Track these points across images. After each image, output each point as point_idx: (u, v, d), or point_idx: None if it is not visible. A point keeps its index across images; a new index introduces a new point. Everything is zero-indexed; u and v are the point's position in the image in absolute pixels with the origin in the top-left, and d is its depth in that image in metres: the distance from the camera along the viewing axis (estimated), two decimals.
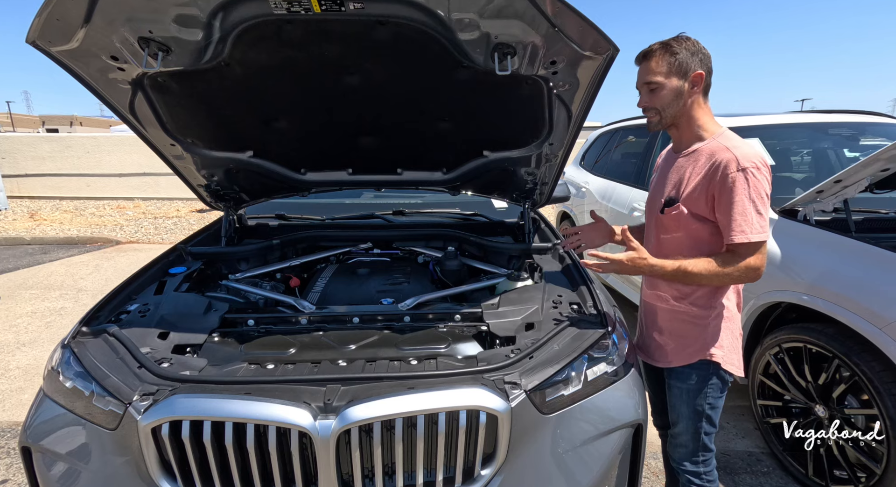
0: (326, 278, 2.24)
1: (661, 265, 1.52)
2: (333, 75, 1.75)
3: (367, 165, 2.33)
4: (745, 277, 1.46)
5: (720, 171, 1.43)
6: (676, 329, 1.63)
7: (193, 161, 2.13)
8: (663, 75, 1.48)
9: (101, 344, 1.52)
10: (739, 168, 1.40)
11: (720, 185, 1.43)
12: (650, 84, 1.51)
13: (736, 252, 1.45)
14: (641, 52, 1.54)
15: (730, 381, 1.61)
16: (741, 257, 1.44)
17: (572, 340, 1.56)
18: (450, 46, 1.57)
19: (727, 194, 1.42)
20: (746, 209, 1.40)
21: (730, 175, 1.41)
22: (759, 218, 1.41)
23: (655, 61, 1.49)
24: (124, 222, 9.07)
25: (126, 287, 1.87)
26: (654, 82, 1.50)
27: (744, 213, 1.40)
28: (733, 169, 1.41)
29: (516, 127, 2.07)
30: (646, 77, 1.52)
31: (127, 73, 1.59)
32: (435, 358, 1.53)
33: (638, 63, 1.56)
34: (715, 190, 1.45)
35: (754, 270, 1.44)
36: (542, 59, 1.54)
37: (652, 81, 1.50)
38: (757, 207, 1.40)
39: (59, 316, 4.51)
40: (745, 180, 1.40)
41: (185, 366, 1.47)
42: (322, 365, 1.49)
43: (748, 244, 1.42)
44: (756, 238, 1.40)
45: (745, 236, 1.40)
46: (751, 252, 1.43)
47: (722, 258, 1.47)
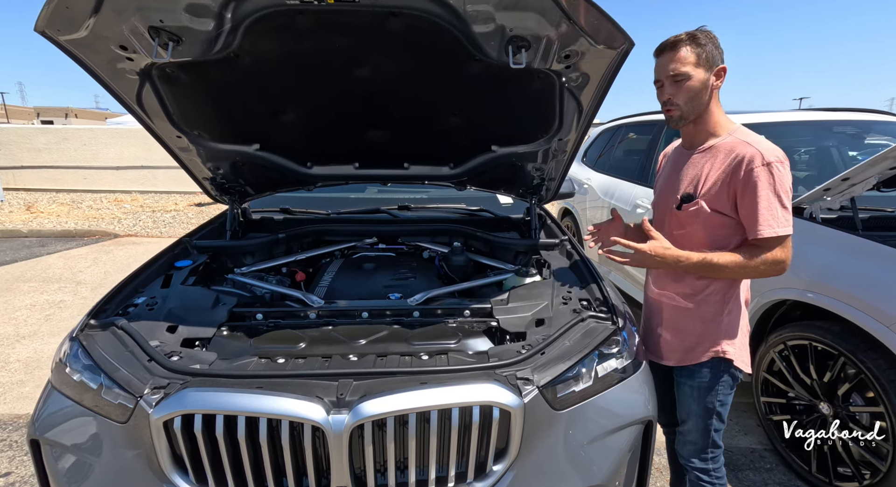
0: (332, 273, 2.22)
1: (686, 256, 1.49)
2: (343, 68, 1.74)
3: (373, 159, 2.31)
4: (772, 270, 1.46)
5: (744, 166, 1.42)
6: (687, 327, 1.62)
7: (199, 154, 2.11)
8: (692, 66, 1.46)
9: (109, 337, 1.51)
10: (764, 162, 1.40)
11: (744, 180, 1.43)
12: (677, 75, 1.47)
13: (762, 246, 1.45)
14: (665, 42, 1.50)
15: (740, 378, 1.61)
16: (767, 251, 1.44)
17: (583, 336, 1.56)
18: (463, 39, 1.55)
19: (752, 189, 1.41)
20: (772, 204, 1.40)
21: (755, 170, 1.41)
22: (785, 212, 1.41)
23: (684, 51, 1.46)
24: (122, 215, 9.01)
25: (133, 280, 1.85)
26: (681, 74, 1.47)
27: (770, 207, 1.40)
28: (758, 164, 1.40)
29: (526, 122, 2.05)
30: (672, 67, 1.48)
31: (135, 63, 1.57)
32: (446, 353, 1.53)
33: (658, 54, 1.52)
34: (738, 186, 1.44)
35: (780, 263, 1.45)
36: (555, 53, 1.53)
37: (680, 71, 1.46)
38: (782, 201, 1.41)
39: (58, 309, 4.48)
40: (770, 175, 1.40)
41: (195, 360, 1.46)
42: (333, 360, 1.48)
43: (775, 238, 1.42)
44: (783, 232, 1.41)
45: (773, 229, 1.41)
46: (777, 245, 1.43)
47: (748, 252, 1.47)
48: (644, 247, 1.51)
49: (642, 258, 1.53)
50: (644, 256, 1.51)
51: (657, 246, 1.51)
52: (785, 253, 1.44)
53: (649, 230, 1.55)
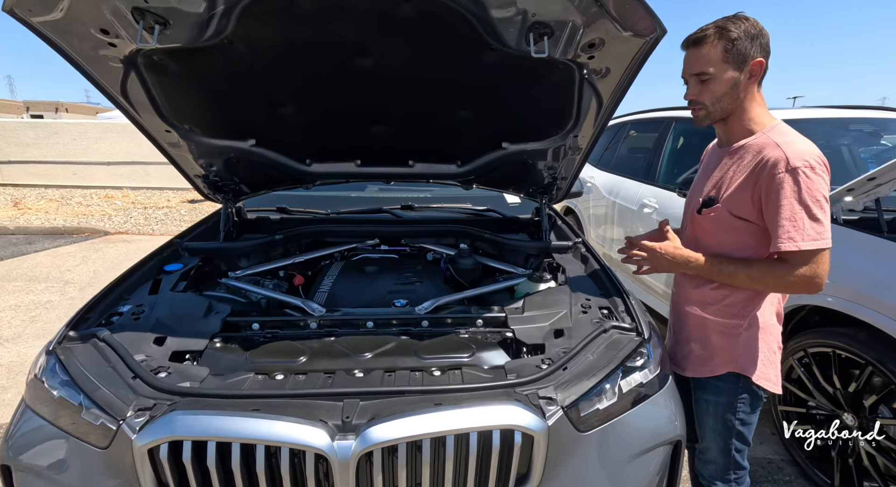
0: (333, 277, 2.09)
1: (696, 258, 1.43)
2: (346, 57, 1.60)
3: (376, 156, 2.18)
4: (800, 287, 1.33)
5: (766, 170, 1.30)
6: (704, 338, 1.52)
7: (190, 149, 1.97)
8: (717, 65, 1.33)
9: (90, 351, 1.37)
10: (788, 168, 1.26)
11: (766, 185, 1.30)
12: (701, 74, 1.36)
13: (786, 261, 1.32)
14: (691, 37, 1.38)
15: (764, 397, 1.50)
16: (792, 267, 1.30)
17: (607, 349, 1.44)
18: (479, 26, 1.42)
19: (774, 197, 1.28)
20: (796, 214, 1.26)
21: (777, 175, 1.27)
22: (814, 224, 1.26)
23: (708, 48, 1.33)
24: (113, 211, 8.81)
25: (118, 286, 1.71)
26: (705, 73, 1.35)
27: (792, 218, 1.27)
28: (781, 169, 1.27)
29: (540, 117, 1.93)
30: (696, 67, 1.36)
31: (119, 49, 1.43)
32: (459, 369, 1.41)
33: (685, 48, 1.40)
34: (762, 191, 1.32)
35: (809, 280, 1.30)
36: (579, 41, 1.40)
37: (702, 71, 1.35)
38: (811, 211, 1.26)
39: (44, 310, 4.32)
40: (794, 182, 1.26)
41: (184, 376, 1.33)
42: (337, 376, 1.35)
43: (799, 253, 1.28)
44: (808, 246, 1.26)
45: (794, 243, 1.27)
46: (803, 261, 1.29)
47: (769, 264, 1.34)
48: (655, 246, 1.45)
49: (654, 259, 1.47)
50: (655, 255, 1.46)
51: (668, 245, 1.45)
52: (815, 270, 1.29)
53: (665, 231, 1.49)
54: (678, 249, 1.45)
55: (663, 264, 1.47)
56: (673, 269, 1.49)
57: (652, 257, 1.48)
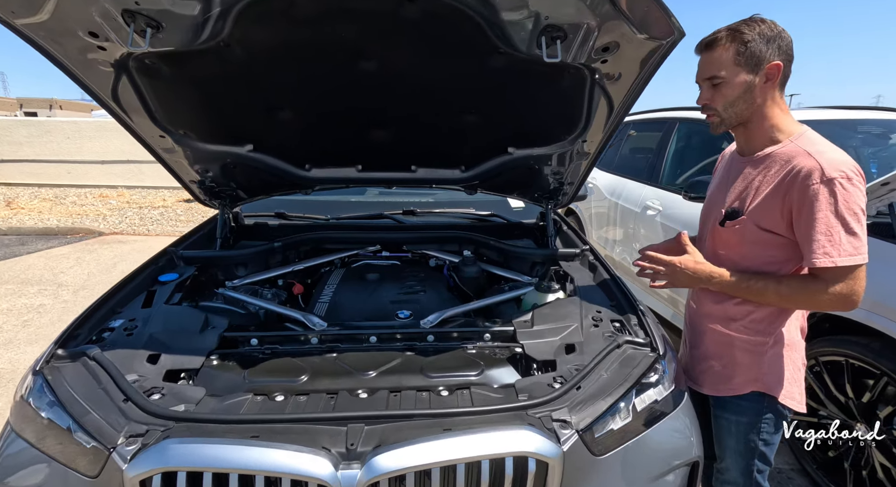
0: (334, 286, 2.03)
1: (720, 274, 1.35)
2: (348, 60, 1.53)
3: (378, 161, 2.11)
4: (834, 305, 1.26)
5: (799, 181, 1.22)
6: (726, 355, 1.45)
7: (185, 155, 1.89)
8: (729, 69, 1.27)
9: (79, 370, 1.30)
10: (824, 179, 1.19)
11: (799, 197, 1.23)
12: (713, 78, 1.30)
13: (820, 277, 1.24)
14: (704, 40, 1.33)
15: (789, 416, 1.44)
16: (826, 283, 1.23)
17: (621, 365, 1.38)
18: (487, 28, 1.36)
19: (808, 209, 1.21)
20: (832, 227, 1.19)
21: (811, 187, 1.20)
22: (851, 238, 1.19)
23: (720, 51, 1.28)
24: (107, 211, 8.71)
25: (109, 299, 1.64)
26: (717, 77, 1.29)
27: (828, 232, 1.19)
28: (816, 179, 1.20)
29: (548, 121, 1.87)
30: (707, 70, 1.31)
31: (109, 53, 1.36)
32: (468, 388, 1.34)
33: (698, 52, 1.35)
34: (793, 203, 1.24)
35: (845, 298, 1.23)
36: (593, 45, 1.34)
37: (714, 75, 1.29)
38: (848, 224, 1.19)
39: (37, 314, 4.24)
40: (830, 193, 1.19)
41: (179, 398, 1.26)
42: (340, 397, 1.29)
43: (834, 269, 1.21)
44: (844, 262, 1.19)
45: (830, 259, 1.19)
46: (839, 278, 1.22)
47: (802, 281, 1.28)
48: (674, 260, 1.38)
49: (673, 274, 1.40)
50: (674, 271, 1.38)
51: (688, 260, 1.38)
52: (851, 287, 1.22)
53: (685, 244, 1.41)
54: (699, 263, 1.38)
55: (682, 280, 1.40)
56: (693, 284, 1.42)
57: (671, 273, 1.40)
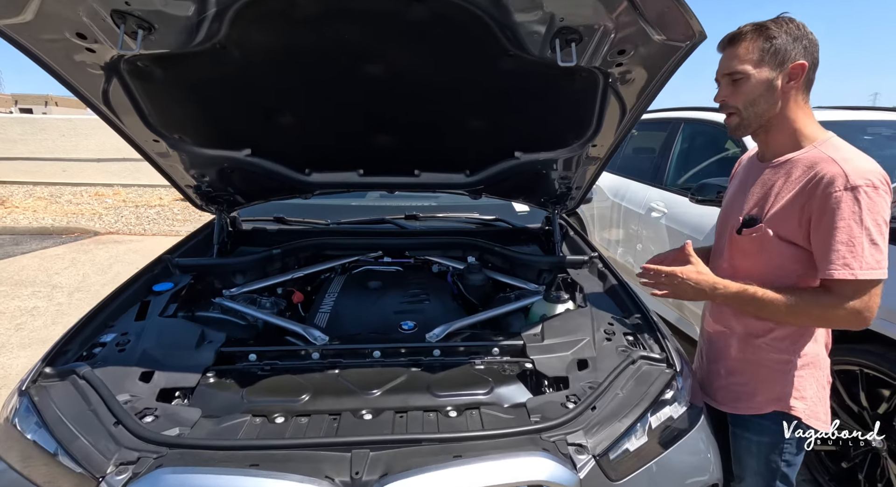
0: (335, 294, 1.96)
1: (724, 285, 1.28)
2: (351, 63, 1.46)
3: (380, 165, 2.05)
4: (846, 322, 1.19)
5: (821, 188, 1.16)
6: (746, 372, 1.39)
7: (181, 159, 1.82)
8: (752, 64, 1.21)
9: (68, 390, 1.24)
10: (848, 186, 1.13)
11: (820, 205, 1.16)
12: (733, 74, 1.24)
13: (833, 290, 1.17)
14: (727, 36, 1.27)
15: (812, 436, 1.39)
16: (840, 298, 1.16)
17: (636, 383, 1.32)
18: (497, 30, 1.29)
19: (829, 217, 1.15)
20: (854, 237, 1.13)
21: (834, 194, 1.14)
22: (874, 249, 1.13)
23: (745, 47, 1.22)
24: (103, 210, 8.61)
25: (101, 311, 1.58)
26: (738, 72, 1.23)
27: (850, 242, 1.13)
28: (839, 186, 1.13)
29: (557, 125, 1.80)
30: (728, 66, 1.25)
31: (98, 55, 1.29)
32: (477, 408, 1.28)
33: (721, 49, 1.28)
34: (813, 211, 1.18)
35: (858, 314, 1.16)
36: (609, 48, 1.28)
37: (736, 70, 1.23)
38: (871, 235, 1.12)
39: (30, 317, 4.16)
40: (854, 201, 1.12)
41: (173, 420, 1.20)
42: (343, 419, 1.23)
43: (852, 283, 1.14)
44: (865, 275, 1.13)
45: (850, 271, 1.13)
46: (856, 292, 1.15)
47: (812, 295, 1.21)
48: (676, 270, 1.31)
49: (676, 286, 1.33)
50: (677, 282, 1.32)
51: (690, 270, 1.31)
52: (866, 303, 1.15)
53: (689, 254, 1.34)
54: (702, 274, 1.31)
55: (687, 292, 1.33)
56: (698, 297, 1.34)
57: (673, 284, 1.34)
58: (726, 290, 1.29)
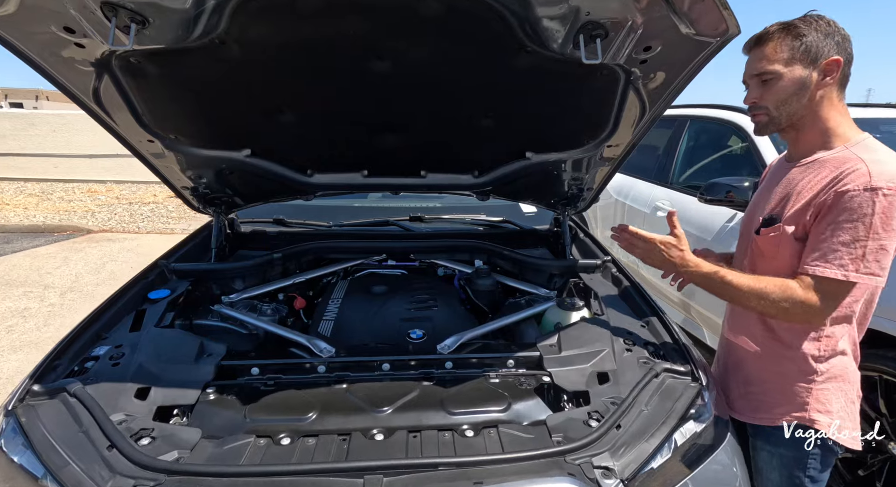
0: (338, 300, 1.88)
1: (695, 263, 1.30)
2: (358, 60, 1.38)
3: (385, 165, 1.96)
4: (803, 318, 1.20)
5: (840, 184, 1.12)
6: (769, 381, 1.34)
7: (177, 160, 1.74)
8: (782, 63, 1.16)
9: (58, 409, 1.16)
10: (868, 187, 1.09)
11: (833, 200, 1.13)
12: (763, 74, 1.19)
13: (811, 286, 1.16)
14: (754, 37, 1.22)
15: (839, 452, 1.32)
16: (815, 295, 1.15)
17: (661, 398, 1.25)
18: (516, 25, 1.21)
19: (836, 214, 1.12)
20: (858, 240, 1.11)
21: (850, 192, 1.10)
22: (881, 254, 1.11)
23: (773, 46, 1.17)
24: (96, 207, 8.48)
25: (94, 322, 1.49)
26: (767, 73, 1.18)
27: (852, 243, 1.11)
28: (859, 186, 1.10)
29: (572, 125, 1.73)
30: (757, 66, 1.20)
31: (88, 51, 1.20)
32: (495, 426, 1.21)
33: (747, 51, 1.24)
34: (822, 204, 1.15)
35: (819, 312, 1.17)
36: (636, 44, 1.20)
37: (766, 70, 1.18)
38: (881, 239, 1.10)
39: (21, 319, 4.06)
40: (870, 203, 1.09)
41: (171, 442, 1.12)
42: (353, 440, 1.15)
43: (838, 283, 1.13)
44: (863, 280, 1.12)
45: (843, 271, 1.12)
46: (836, 294, 1.15)
47: (784, 286, 1.19)
48: (654, 237, 1.32)
49: (648, 250, 1.34)
50: (652, 248, 1.33)
51: (669, 241, 1.31)
52: (834, 305, 1.16)
53: (672, 226, 1.34)
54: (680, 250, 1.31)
55: (655, 259, 1.35)
56: (664, 267, 1.35)
57: (646, 248, 1.35)
58: (697, 269, 1.30)
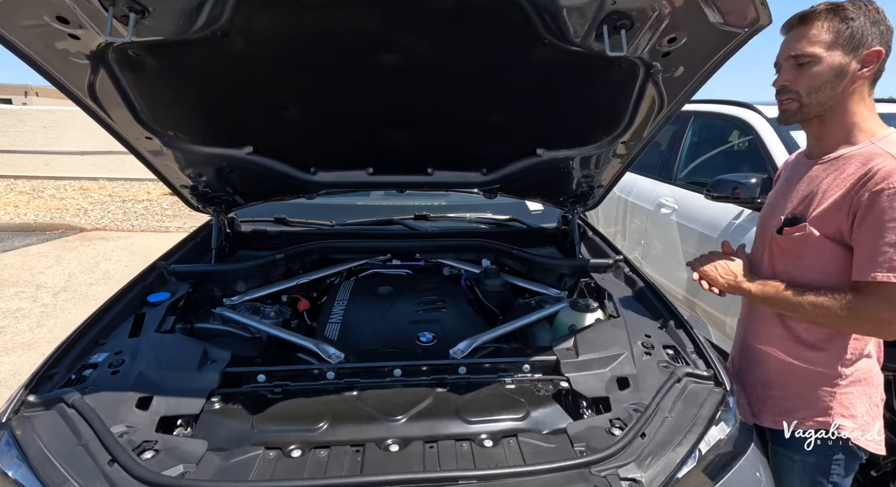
0: (343, 302, 1.83)
1: (747, 287, 1.28)
2: (366, 53, 1.32)
3: (391, 163, 1.91)
4: (873, 329, 1.16)
5: (872, 183, 1.08)
6: (790, 385, 1.30)
7: (175, 158, 1.67)
8: (824, 46, 1.10)
9: (55, 421, 1.10)
10: None
11: (868, 201, 1.08)
12: (800, 57, 1.12)
13: (869, 294, 1.10)
14: (798, 15, 1.15)
15: (863, 457, 1.29)
16: (875, 303, 1.09)
17: (685, 404, 1.21)
18: (535, 16, 1.15)
19: (876, 216, 1.07)
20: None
21: (886, 191, 1.05)
22: None
23: (818, 27, 1.11)
24: (88, 205, 8.35)
25: (91, 327, 1.43)
26: (806, 55, 1.12)
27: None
28: (893, 184, 1.05)
29: (586, 121, 1.68)
30: (796, 47, 1.13)
31: (83, 42, 1.13)
32: (514, 436, 1.16)
33: (787, 30, 1.17)
34: (860, 207, 1.09)
35: (886, 323, 1.11)
36: (661, 35, 1.15)
37: (804, 52, 1.12)
38: None
39: (13, 320, 3.97)
40: None
41: (176, 455, 1.06)
42: (367, 451, 1.10)
43: (888, 285, 1.07)
44: None
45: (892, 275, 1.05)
46: (888, 299, 1.08)
47: (844, 295, 1.13)
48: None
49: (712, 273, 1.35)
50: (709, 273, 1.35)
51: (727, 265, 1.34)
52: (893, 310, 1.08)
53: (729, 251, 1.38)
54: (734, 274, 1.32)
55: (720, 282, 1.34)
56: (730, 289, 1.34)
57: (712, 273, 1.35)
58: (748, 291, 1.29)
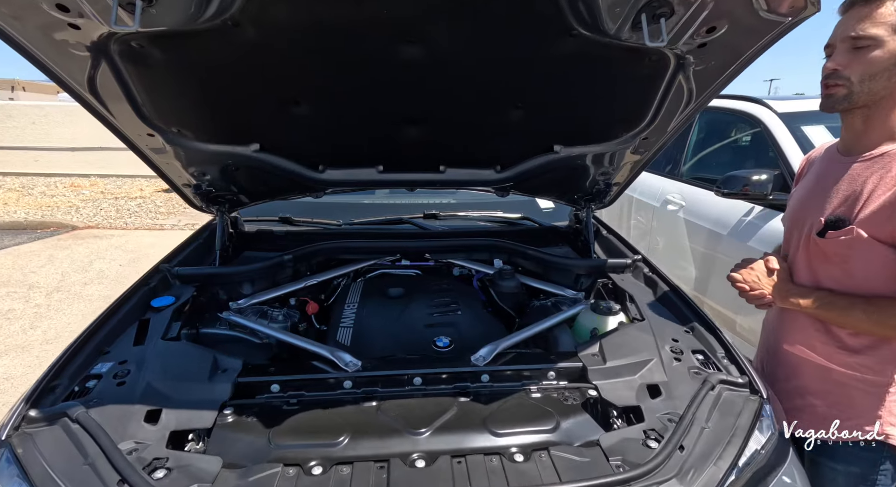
0: (354, 305, 1.76)
1: (797, 298, 1.24)
2: (385, 44, 1.25)
3: (402, 160, 1.83)
4: None
5: None
6: (834, 393, 1.26)
7: (178, 156, 1.59)
8: (889, 29, 1.04)
9: (58, 438, 1.02)
10: None
11: None
12: (859, 39, 1.06)
13: None
14: None
15: None
16: None
17: (720, 413, 1.16)
18: (566, 6, 1.09)
19: None
20: None
21: None
22: None
23: (887, 6, 1.03)
24: (80, 203, 8.21)
25: (94, 335, 1.35)
26: (868, 37, 1.05)
27: None
28: None
29: (607, 116, 1.61)
30: (856, 27, 1.06)
31: (84, 33, 1.05)
32: (546, 449, 1.10)
33: (845, 10, 1.10)
34: None
35: None
36: (701, 23, 1.08)
37: (867, 34, 1.05)
38: None
39: (5, 320, 3.88)
40: None
41: (189, 474, 1.00)
42: (393, 468, 1.04)
43: None
44: None
45: None
46: None
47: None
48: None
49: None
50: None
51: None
52: None
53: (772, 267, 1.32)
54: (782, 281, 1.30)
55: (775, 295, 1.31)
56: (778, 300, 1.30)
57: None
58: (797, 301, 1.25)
